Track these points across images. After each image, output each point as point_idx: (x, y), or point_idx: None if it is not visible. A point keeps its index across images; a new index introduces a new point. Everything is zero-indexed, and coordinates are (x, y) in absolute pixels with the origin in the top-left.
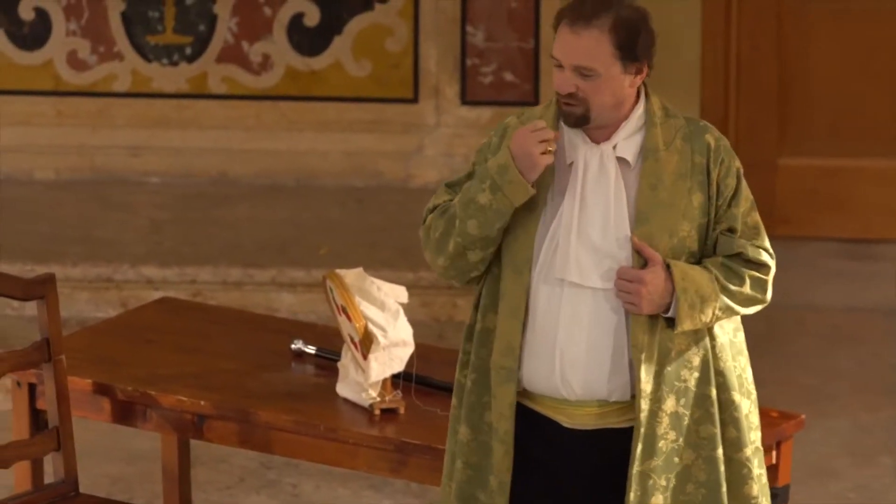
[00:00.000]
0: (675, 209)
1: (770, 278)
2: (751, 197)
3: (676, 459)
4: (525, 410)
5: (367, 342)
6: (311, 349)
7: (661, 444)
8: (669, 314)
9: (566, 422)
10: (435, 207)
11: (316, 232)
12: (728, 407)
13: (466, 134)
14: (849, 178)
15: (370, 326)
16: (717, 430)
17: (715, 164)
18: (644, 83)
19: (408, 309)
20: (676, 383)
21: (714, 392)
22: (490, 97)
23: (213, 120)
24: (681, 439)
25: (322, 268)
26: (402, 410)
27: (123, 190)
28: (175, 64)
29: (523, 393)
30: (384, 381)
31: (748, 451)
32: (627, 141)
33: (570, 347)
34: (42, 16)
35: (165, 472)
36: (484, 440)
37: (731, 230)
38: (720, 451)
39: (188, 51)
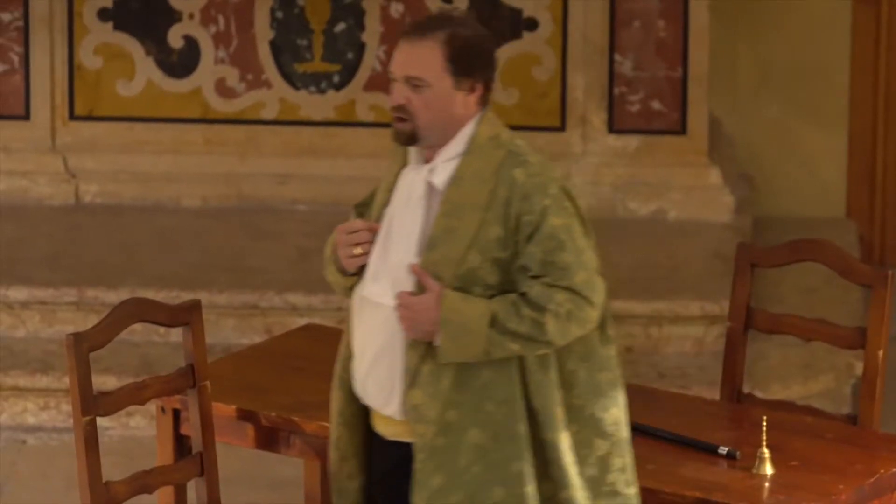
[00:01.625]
0: (463, 239)
1: (549, 321)
2: (561, 237)
3: (483, 494)
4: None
5: None
6: None
7: (466, 476)
8: (437, 343)
9: (379, 430)
10: None
11: None
12: (546, 447)
13: (614, 163)
14: None
15: None
16: (528, 468)
17: (517, 199)
18: (485, 110)
19: None
20: (480, 415)
21: (525, 429)
22: (637, 126)
23: (361, 148)
24: (488, 474)
25: None
26: None
27: (270, 218)
28: (323, 92)
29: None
30: None
31: (573, 491)
32: (445, 165)
33: (363, 360)
34: (191, 44)
35: (308, 499)
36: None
37: (526, 268)
38: (529, 488)
39: (336, 79)
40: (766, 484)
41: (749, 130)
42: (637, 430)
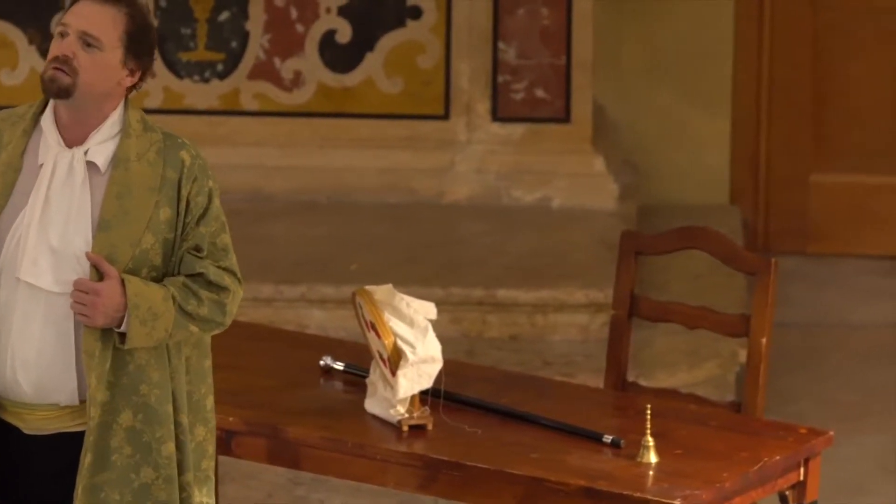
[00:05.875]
0: (140, 221)
1: (230, 302)
2: (222, 218)
3: (133, 475)
4: None
5: (395, 358)
6: (339, 365)
7: (116, 457)
8: (122, 329)
9: (25, 428)
10: None
11: (350, 249)
12: (177, 428)
13: (498, 150)
14: (886, 195)
15: (399, 343)
16: (175, 451)
17: (187, 181)
18: (126, 96)
19: (437, 325)
20: (134, 398)
21: (172, 412)
22: (522, 114)
23: (246, 137)
24: (138, 455)
25: (353, 284)
26: (430, 427)
27: None
28: (207, 81)
29: None
30: (412, 397)
31: (190, 475)
32: (100, 147)
33: (22, 348)
34: None
35: None
36: None
37: (198, 249)
38: (177, 470)
39: (220, 67)
40: (651, 472)
41: (634, 117)
42: (522, 417)
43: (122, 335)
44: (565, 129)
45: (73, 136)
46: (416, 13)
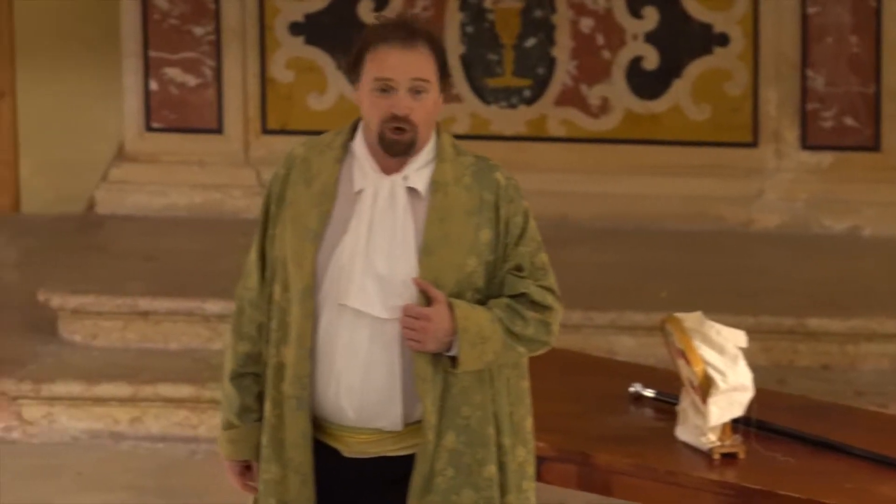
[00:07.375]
0: (462, 244)
1: (553, 321)
2: (538, 238)
3: (454, 497)
4: (315, 442)
5: (706, 386)
6: (649, 392)
7: (439, 479)
8: (451, 353)
9: (346, 451)
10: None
11: (655, 276)
12: (499, 450)
13: (807, 178)
14: None
15: (709, 370)
16: (496, 472)
17: (504, 202)
18: (437, 122)
19: (747, 353)
20: (458, 420)
21: (494, 433)
22: (831, 142)
23: (552, 163)
24: (460, 477)
25: (661, 311)
26: (741, 455)
27: None
28: (514, 107)
29: (315, 425)
30: (724, 425)
31: (512, 497)
32: (418, 172)
33: (348, 373)
34: None
35: None
36: (287, 475)
37: (519, 269)
38: (497, 492)
39: (527, 93)
40: None
41: None
42: (834, 447)
43: (452, 359)
44: (875, 157)
45: (389, 163)
46: (724, 40)
